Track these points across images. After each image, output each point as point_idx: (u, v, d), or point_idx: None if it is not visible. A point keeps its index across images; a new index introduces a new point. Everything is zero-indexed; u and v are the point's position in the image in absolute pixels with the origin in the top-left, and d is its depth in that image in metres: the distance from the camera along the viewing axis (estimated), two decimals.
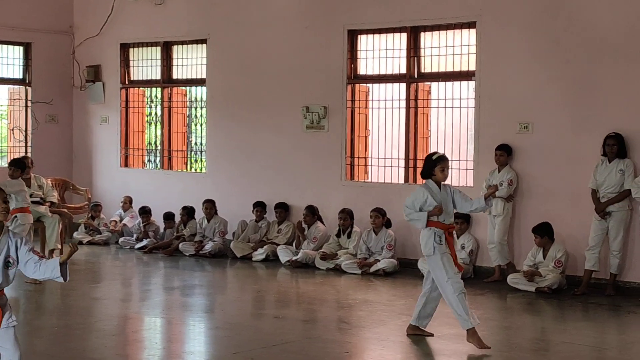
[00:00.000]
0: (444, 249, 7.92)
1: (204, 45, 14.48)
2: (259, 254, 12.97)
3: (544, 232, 10.80)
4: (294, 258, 12.46)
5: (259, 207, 13.52)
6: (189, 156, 15.31)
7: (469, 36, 11.97)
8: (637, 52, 10.54)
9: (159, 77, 15.15)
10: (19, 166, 11.29)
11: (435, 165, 8.06)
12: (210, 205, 13.73)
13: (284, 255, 12.70)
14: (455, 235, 8.28)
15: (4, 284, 5.39)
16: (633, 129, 10.54)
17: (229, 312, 9.63)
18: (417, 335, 8.19)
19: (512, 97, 11.50)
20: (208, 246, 13.39)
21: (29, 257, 5.39)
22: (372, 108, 13.11)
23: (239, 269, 12.49)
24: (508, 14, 11.52)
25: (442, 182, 8.15)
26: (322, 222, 12.89)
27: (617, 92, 10.71)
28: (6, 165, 12.58)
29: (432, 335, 8.19)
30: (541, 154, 11.30)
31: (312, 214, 12.80)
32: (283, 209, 13.38)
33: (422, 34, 12.43)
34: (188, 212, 13.94)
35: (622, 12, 10.70)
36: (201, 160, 15.07)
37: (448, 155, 12.04)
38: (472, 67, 11.87)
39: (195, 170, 15.19)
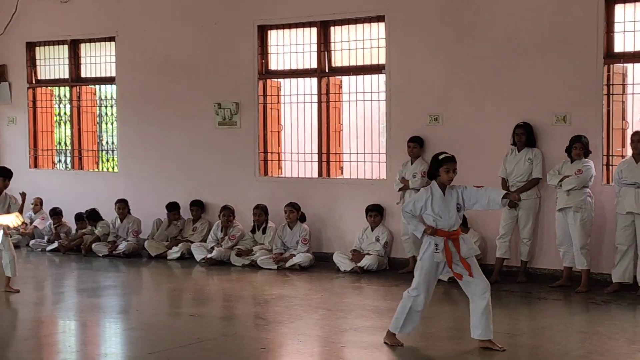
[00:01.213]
0: (440, 258, 7.38)
1: (113, 43, 14.28)
2: (174, 253, 12.87)
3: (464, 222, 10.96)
4: (209, 255, 12.39)
5: (173, 206, 13.40)
6: (100, 156, 15.09)
7: (378, 30, 12.05)
8: (542, 44, 10.74)
9: (67, 76, 14.89)
10: None
11: (440, 166, 7.47)
12: (122, 205, 13.56)
13: (198, 253, 12.62)
14: (457, 241, 7.47)
15: None
16: (540, 118, 10.75)
17: (144, 312, 9.51)
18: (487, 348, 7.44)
19: (422, 89, 11.62)
20: (122, 246, 13.23)
21: None
22: (284, 103, 13.11)
23: (153, 268, 12.37)
24: (416, 7, 11.63)
25: (449, 185, 7.54)
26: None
27: (524, 83, 10.90)
28: None
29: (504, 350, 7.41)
30: (452, 145, 11.36)
31: (232, 214, 12.74)
32: (198, 207, 13.29)
33: (332, 28, 12.48)
34: (88, 215, 13.73)
35: (527, 6, 10.88)
36: (112, 160, 14.86)
37: (360, 149, 12.35)
38: (382, 61, 11.95)
39: (107, 169, 14.98)
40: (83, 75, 14.86)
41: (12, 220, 7.28)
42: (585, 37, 10.48)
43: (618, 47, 10.43)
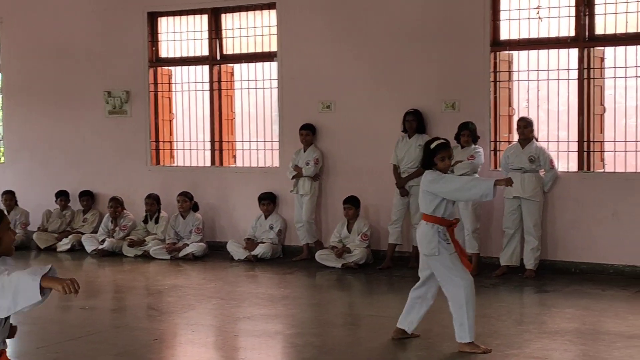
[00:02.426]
0: (452, 249, 6.82)
1: None
2: (64, 244, 12.64)
3: (357, 203, 11.04)
4: (101, 247, 12.20)
5: (62, 196, 13.15)
6: None
7: (269, 17, 12.02)
8: (431, 32, 10.88)
9: None
10: None
11: (434, 155, 6.86)
12: (9, 197, 13.23)
13: (89, 244, 12.41)
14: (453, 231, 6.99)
15: None
16: (430, 105, 10.89)
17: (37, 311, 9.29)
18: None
19: (314, 76, 11.65)
20: None
21: None
22: (176, 91, 12.98)
23: (42, 260, 12.10)
24: None
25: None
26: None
27: (414, 70, 11.03)
28: None
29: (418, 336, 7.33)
30: (344, 132, 11.51)
31: (120, 204, 12.55)
32: (88, 197, 13.06)
33: (223, 15, 12.40)
34: None
35: None
36: None
37: (253, 137, 12.32)
38: (274, 48, 11.94)
39: None
40: None
41: None
42: (472, 26, 10.66)
43: (504, 35, 10.64)
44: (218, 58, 12.45)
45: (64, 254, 12.48)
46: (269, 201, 11.77)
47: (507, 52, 10.71)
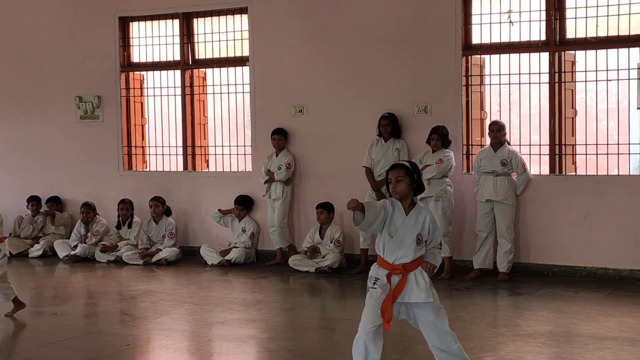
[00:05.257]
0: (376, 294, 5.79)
1: None
2: (36, 250, 12.55)
3: (330, 208, 11.03)
4: (73, 252, 12.12)
5: (34, 201, 13.05)
6: None
7: (241, 22, 12.00)
8: (403, 36, 10.90)
9: None
10: None
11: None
12: None
13: (61, 250, 12.32)
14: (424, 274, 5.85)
15: None
16: (402, 109, 10.90)
17: (4, 311, 9.19)
18: None
19: (286, 81, 11.64)
20: None
21: None
22: (148, 96, 12.94)
23: (14, 266, 11.94)
24: None
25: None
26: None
27: (387, 74, 11.04)
28: None
29: None
30: (317, 136, 11.51)
31: (92, 210, 12.48)
32: (53, 202, 12.98)
33: (195, 20, 12.37)
34: None
35: None
36: None
37: (225, 142, 12.28)
38: (246, 53, 11.92)
39: None
40: None
41: None
42: (444, 30, 10.69)
43: (475, 39, 10.69)
44: (190, 63, 12.42)
45: (36, 259, 12.39)
46: (242, 207, 11.74)
47: (478, 56, 10.75)
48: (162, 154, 12.76)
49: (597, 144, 10.25)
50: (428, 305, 5.80)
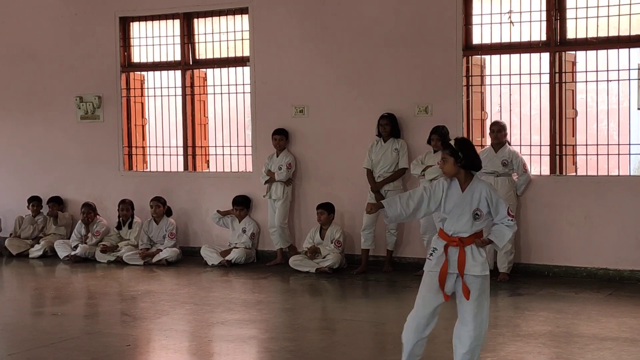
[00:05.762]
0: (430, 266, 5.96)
1: None
2: (36, 251, 12.55)
3: (330, 209, 11.02)
4: (73, 253, 12.12)
5: (35, 201, 13.05)
6: None
7: (242, 22, 12.00)
8: (404, 36, 10.90)
9: None
10: None
11: None
12: None
13: (62, 250, 12.32)
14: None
15: None
16: (403, 110, 10.90)
17: (4, 312, 9.21)
18: None
19: (287, 81, 11.64)
20: None
21: None
22: (148, 96, 12.94)
23: (14, 267, 12.01)
24: None
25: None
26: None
27: (387, 74, 11.03)
28: None
29: None
30: (317, 137, 11.51)
31: (92, 210, 12.47)
32: (54, 202, 12.97)
33: (196, 20, 12.37)
34: None
35: None
36: None
37: (226, 142, 12.28)
38: (247, 53, 11.92)
39: None
40: None
41: None
42: (445, 30, 10.69)
43: (476, 39, 10.69)
44: (190, 63, 12.42)
45: (36, 260, 12.39)
46: (242, 207, 11.73)
47: (479, 56, 10.75)
48: (163, 154, 12.76)
49: (597, 145, 10.25)
50: (477, 280, 5.84)
